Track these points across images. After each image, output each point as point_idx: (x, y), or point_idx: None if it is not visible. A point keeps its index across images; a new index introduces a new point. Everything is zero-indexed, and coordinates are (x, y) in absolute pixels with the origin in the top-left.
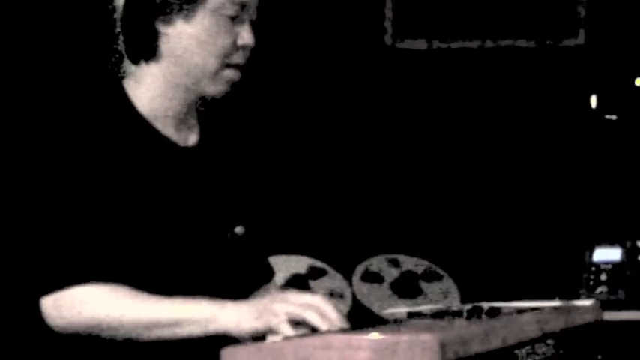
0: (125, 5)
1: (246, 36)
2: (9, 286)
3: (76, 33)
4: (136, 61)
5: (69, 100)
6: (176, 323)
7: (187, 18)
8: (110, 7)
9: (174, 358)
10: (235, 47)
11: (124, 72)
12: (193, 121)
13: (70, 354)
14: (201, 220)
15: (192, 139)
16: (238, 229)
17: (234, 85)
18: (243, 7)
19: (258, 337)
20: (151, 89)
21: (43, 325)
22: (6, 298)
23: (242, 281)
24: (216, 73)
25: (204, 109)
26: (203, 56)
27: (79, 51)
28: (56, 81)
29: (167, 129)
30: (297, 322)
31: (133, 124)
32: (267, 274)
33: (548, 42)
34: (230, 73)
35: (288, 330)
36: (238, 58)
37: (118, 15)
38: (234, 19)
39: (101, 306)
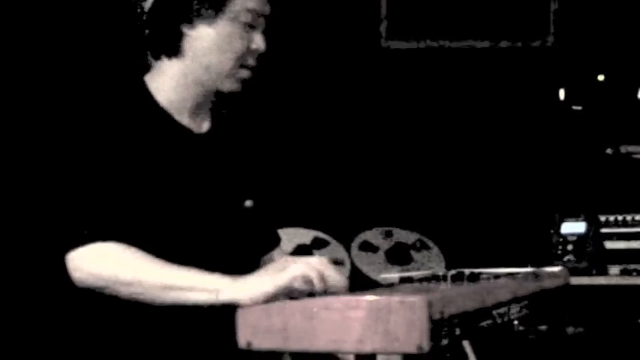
0: (152, 7)
1: (258, 41)
2: (41, 241)
3: (103, 31)
4: (157, 57)
5: (96, 93)
6: (189, 289)
7: (209, 23)
8: (138, 9)
9: (194, 322)
10: (249, 51)
11: (145, 66)
12: (206, 111)
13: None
14: (213, 195)
15: (205, 126)
16: (248, 203)
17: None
18: (257, 15)
19: None
20: (170, 82)
21: (68, 284)
22: (37, 255)
23: (252, 247)
24: (231, 73)
25: (217, 101)
26: (220, 57)
27: (105, 48)
28: (83, 75)
29: (183, 117)
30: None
31: (151, 113)
32: (275, 241)
33: (522, 42)
34: (243, 73)
35: (299, 283)
36: (251, 60)
37: (145, 15)
38: (249, 26)
39: (121, 263)
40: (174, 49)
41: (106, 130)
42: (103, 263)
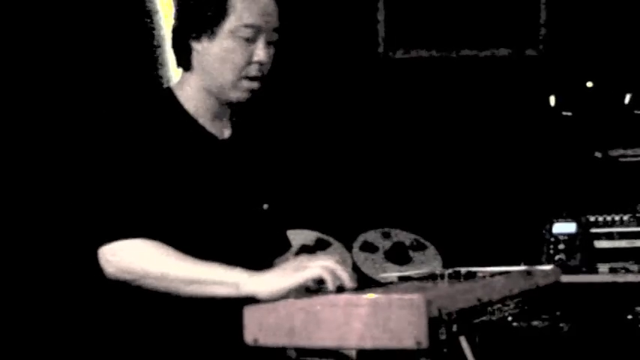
0: (173, 26)
1: (260, 53)
2: (74, 236)
3: (137, 46)
4: (183, 69)
5: (129, 99)
6: (211, 282)
7: (210, 38)
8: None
9: (207, 316)
10: (251, 63)
11: (174, 77)
12: (227, 118)
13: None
14: (234, 199)
15: (226, 132)
16: (264, 206)
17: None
18: (257, 29)
19: None
20: (191, 92)
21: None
22: (71, 249)
23: (266, 249)
24: (234, 84)
25: (235, 110)
26: (222, 70)
27: (139, 61)
28: (120, 86)
29: (207, 124)
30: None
31: (179, 118)
32: (286, 246)
33: (514, 51)
34: (247, 84)
35: (316, 272)
36: (254, 71)
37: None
38: (249, 40)
39: (150, 259)
40: (186, 63)
41: (138, 134)
42: (133, 258)
